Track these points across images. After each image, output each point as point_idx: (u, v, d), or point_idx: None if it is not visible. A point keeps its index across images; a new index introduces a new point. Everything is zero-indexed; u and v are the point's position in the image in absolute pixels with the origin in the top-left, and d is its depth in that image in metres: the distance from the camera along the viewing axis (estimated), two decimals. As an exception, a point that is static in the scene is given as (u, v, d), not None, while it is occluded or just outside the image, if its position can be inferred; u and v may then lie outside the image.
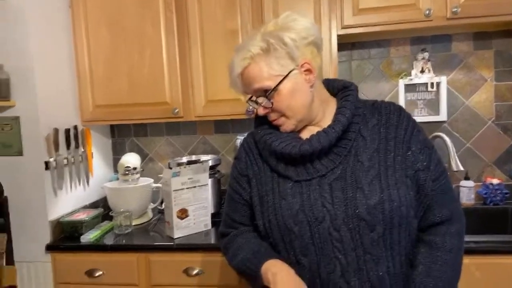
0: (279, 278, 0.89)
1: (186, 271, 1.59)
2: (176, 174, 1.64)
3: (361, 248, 0.88)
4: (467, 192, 1.89)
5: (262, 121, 1.03)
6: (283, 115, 0.97)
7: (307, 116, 0.98)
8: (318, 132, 0.94)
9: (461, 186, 1.90)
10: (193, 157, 2.04)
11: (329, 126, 0.94)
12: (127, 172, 1.88)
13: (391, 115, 0.97)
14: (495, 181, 1.87)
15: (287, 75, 0.93)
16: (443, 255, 0.92)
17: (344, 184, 0.91)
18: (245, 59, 0.95)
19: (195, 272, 1.58)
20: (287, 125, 0.98)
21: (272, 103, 0.95)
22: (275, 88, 0.93)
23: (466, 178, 1.91)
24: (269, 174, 1.00)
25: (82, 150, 1.91)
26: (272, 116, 0.98)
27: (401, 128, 0.95)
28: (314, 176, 0.93)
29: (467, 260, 1.40)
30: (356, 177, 0.91)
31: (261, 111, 0.97)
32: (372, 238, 0.88)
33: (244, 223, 1.08)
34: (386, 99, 1.97)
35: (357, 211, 0.88)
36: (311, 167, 0.94)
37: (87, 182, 1.96)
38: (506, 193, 1.86)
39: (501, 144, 1.93)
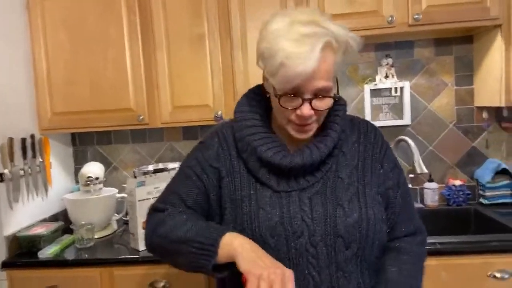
0: (255, 246, 0.81)
1: (152, 285, 1.53)
2: (141, 184, 1.58)
3: (334, 265, 0.87)
4: (431, 194, 1.93)
5: (243, 109, 0.95)
6: (316, 121, 0.88)
7: None
8: (309, 146, 0.90)
9: (425, 188, 1.95)
10: (160, 165, 1.98)
11: (320, 141, 0.91)
12: (88, 182, 1.80)
13: (368, 133, 0.98)
14: (458, 182, 1.93)
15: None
16: (411, 259, 0.95)
17: (324, 199, 0.89)
18: (326, 40, 0.79)
19: (161, 285, 1.52)
20: (312, 131, 0.89)
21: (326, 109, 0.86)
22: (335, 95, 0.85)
23: (430, 180, 1.96)
24: (245, 176, 0.92)
25: (40, 160, 1.81)
26: (309, 121, 0.86)
27: (377, 146, 0.97)
28: (294, 189, 0.90)
29: (434, 262, 1.43)
30: (336, 193, 0.90)
31: (308, 111, 0.83)
32: (346, 256, 0.87)
33: (194, 209, 0.94)
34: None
35: (336, 228, 0.86)
36: (293, 179, 0.90)
37: (46, 194, 1.85)
38: (468, 194, 1.92)
39: (462, 146, 2.00)
